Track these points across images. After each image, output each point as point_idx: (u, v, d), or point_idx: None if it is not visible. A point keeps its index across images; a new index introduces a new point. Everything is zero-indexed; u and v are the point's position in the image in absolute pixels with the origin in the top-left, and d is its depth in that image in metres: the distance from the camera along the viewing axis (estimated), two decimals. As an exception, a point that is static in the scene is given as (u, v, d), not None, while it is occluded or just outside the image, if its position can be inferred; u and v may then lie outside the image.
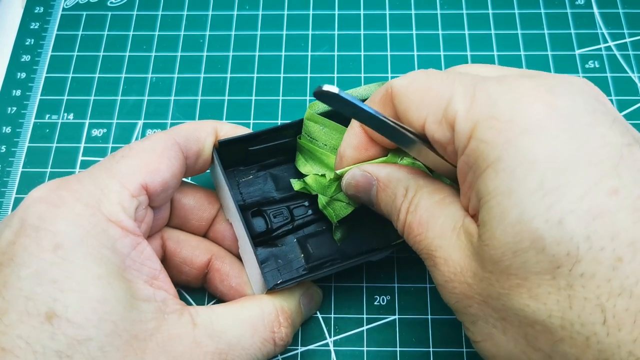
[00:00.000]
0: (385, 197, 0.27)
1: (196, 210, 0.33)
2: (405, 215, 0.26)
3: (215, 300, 0.35)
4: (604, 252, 0.19)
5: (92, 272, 0.24)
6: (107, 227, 0.25)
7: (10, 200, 0.38)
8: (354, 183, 0.29)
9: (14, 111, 0.41)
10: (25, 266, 0.23)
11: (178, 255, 0.32)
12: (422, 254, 0.25)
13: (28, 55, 0.44)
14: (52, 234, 0.24)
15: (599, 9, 0.45)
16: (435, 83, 0.24)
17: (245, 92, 0.42)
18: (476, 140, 0.22)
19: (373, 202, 0.28)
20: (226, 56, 0.43)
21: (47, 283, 0.23)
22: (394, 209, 0.27)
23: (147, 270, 0.27)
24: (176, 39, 0.44)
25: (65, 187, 0.26)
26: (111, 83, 0.42)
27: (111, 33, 0.44)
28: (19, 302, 0.23)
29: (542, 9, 0.45)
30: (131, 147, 0.29)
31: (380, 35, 0.44)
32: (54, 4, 0.46)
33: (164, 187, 0.28)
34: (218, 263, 0.32)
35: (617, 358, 0.19)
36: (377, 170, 0.28)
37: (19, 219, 0.25)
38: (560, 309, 0.20)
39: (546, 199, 0.20)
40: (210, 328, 0.27)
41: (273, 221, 0.33)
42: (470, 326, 0.24)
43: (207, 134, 0.31)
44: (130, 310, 0.24)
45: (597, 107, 0.22)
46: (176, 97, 0.42)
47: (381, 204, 0.28)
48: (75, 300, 0.23)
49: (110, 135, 0.40)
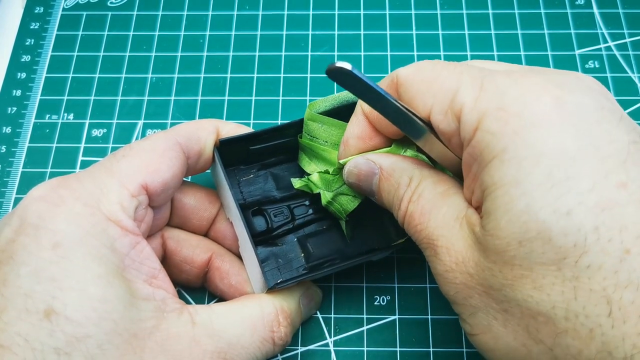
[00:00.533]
0: (387, 185, 0.27)
1: (197, 210, 0.33)
2: (407, 204, 0.26)
3: (215, 299, 0.35)
4: (612, 243, 0.19)
5: (91, 271, 0.24)
6: (106, 226, 0.25)
7: (11, 200, 0.38)
8: (357, 171, 0.28)
9: (14, 111, 0.41)
10: (24, 264, 0.23)
11: (178, 254, 0.32)
12: (423, 244, 0.25)
13: (28, 56, 0.44)
14: (51, 233, 0.24)
15: (599, 9, 0.45)
16: (442, 73, 0.24)
17: (246, 92, 0.42)
18: (482, 132, 0.22)
19: (374, 191, 0.28)
20: (226, 56, 0.43)
21: (46, 281, 0.23)
22: (395, 198, 0.27)
23: (146, 269, 0.27)
24: (176, 39, 0.44)
25: (65, 186, 0.26)
26: (111, 83, 0.42)
27: (111, 33, 0.44)
28: (17, 299, 0.23)
29: (542, 9, 0.45)
30: (132, 146, 0.29)
31: (380, 35, 0.44)
32: (54, 4, 0.46)
33: (164, 187, 0.28)
34: (218, 261, 0.32)
35: (621, 350, 0.19)
36: (381, 159, 0.28)
37: (18, 217, 0.25)
38: (565, 300, 0.20)
39: (554, 190, 0.20)
40: (210, 327, 0.27)
41: (273, 220, 0.33)
42: (468, 318, 0.24)
43: (209, 133, 0.31)
44: (130, 309, 0.24)
45: (604, 104, 0.22)
46: (176, 97, 0.42)
47: (383, 193, 0.28)
48: (75, 298, 0.23)
49: (111, 136, 0.40)
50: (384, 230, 0.34)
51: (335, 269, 0.31)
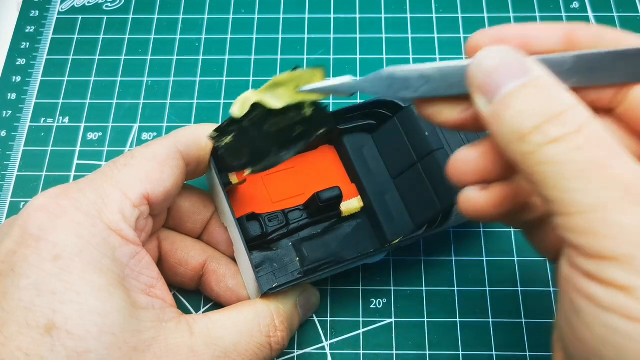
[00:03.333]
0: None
1: (191, 214, 0.33)
2: None
3: (211, 303, 0.35)
4: None
5: (92, 283, 0.24)
6: (107, 235, 0.25)
7: (6, 204, 0.38)
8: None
9: (9, 115, 0.41)
10: (25, 277, 0.23)
11: (173, 257, 0.32)
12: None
13: (23, 59, 0.43)
14: (52, 245, 0.24)
15: (593, 13, 0.45)
16: None
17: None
18: None
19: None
20: (222, 60, 0.43)
21: (47, 294, 0.23)
22: None
23: (145, 279, 0.27)
24: (172, 42, 0.44)
25: (66, 196, 0.26)
26: (107, 86, 0.42)
27: (107, 36, 0.44)
28: (18, 313, 0.23)
29: (537, 13, 0.45)
30: (133, 154, 0.28)
31: (376, 38, 0.44)
32: (50, 7, 0.46)
33: (166, 196, 0.28)
34: (214, 265, 0.32)
35: None
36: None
37: (19, 227, 0.25)
38: None
39: None
40: (207, 336, 0.26)
41: (268, 225, 0.33)
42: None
43: (207, 140, 0.31)
44: (130, 321, 0.24)
45: None
46: (172, 100, 0.42)
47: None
48: (75, 312, 0.23)
49: (106, 139, 0.40)
50: (378, 232, 0.34)
51: (330, 271, 0.31)
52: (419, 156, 0.34)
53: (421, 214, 0.34)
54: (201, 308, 0.35)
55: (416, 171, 0.34)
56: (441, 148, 0.33)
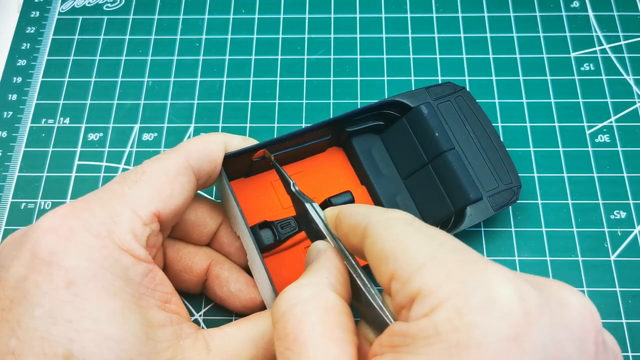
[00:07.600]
0: None
1: (196, 226, 0.32)
2: None
3: (212, 304, 0.35)
4: None
5: (106, 309, 0.24)
6: (119, 256, 0.25)
7: (7, 205, 0.38)
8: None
9: (10, 115, 0.41)
10: (39, 305, 0.23)
11: (178, 264, 0.32)
12: None
13: (24, 60, 0.43)
14: (64, 270, 0.23)
15: (593, 12, 0.45)
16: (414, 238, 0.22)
17: (242, 95, 0.42)
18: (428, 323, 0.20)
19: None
20: (222, 60, 0.43)
21: (63, 323, 0.23)
22: None
23: (159, 295, 0.26)
24: (172, 42, 0.44)
25: (75, 216, 0.25)
26: (107, 87, 0.42)
27: (107, 37, 0.44)
28: (35, 343, 0.22)
29: (537, 12, 0.45)
30: (144, 170, 0.28)
31: (376, 38, 0.44)
32: (50, 8, 0.46)
33: (176, 213, 0.28)
34: (217, 269, 0.32)
35: None
36: None
37: (28, 251, 0.24)
38: None
39: None
40: (224, 352, 0.26)
41: (281, 232, 0.33)
42: None
43: (218, 152, 0.30)
44: (147, 343, 0.24)
45: None
46: (173, 100, 0.42)
47: None
48: (92, 340, 0.23)
49: (107, 139, 0.40)
50: None
51: None
52: (430, 157, 0.34)
53: (433, 215, 0.33)
54: (202, 309, 0.35)
55: (427, 172, 0.34)
56: (452, 149, 0.33)
